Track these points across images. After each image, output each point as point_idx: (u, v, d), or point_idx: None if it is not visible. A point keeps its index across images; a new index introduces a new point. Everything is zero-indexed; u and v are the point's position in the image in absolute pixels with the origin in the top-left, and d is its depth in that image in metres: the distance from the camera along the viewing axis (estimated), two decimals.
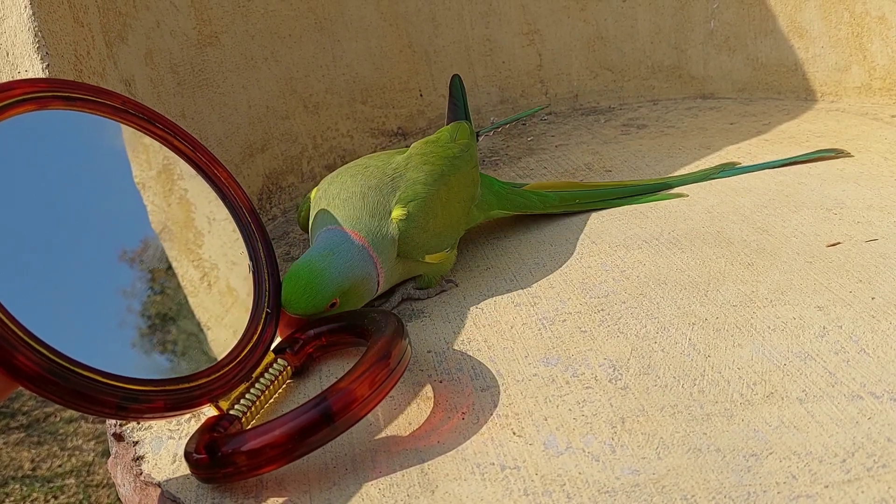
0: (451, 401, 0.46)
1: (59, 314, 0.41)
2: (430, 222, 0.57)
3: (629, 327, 0.51)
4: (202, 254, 0.51)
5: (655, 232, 0.64)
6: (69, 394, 0.37)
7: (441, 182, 0.59)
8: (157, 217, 0.50)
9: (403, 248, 0.55)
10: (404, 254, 0.56)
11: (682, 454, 0.39)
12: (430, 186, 0.58)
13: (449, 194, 0.59)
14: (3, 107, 0.42)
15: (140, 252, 0.48)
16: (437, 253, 0.58)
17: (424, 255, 0.57)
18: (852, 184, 0.67)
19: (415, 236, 0.56)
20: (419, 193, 0.57)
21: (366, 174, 0.58)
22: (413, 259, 0.57)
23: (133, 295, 0.46)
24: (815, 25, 0.93)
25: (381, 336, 0.46)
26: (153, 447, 0.46)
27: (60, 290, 0.42)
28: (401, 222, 0.55)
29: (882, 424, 0.39)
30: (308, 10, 0.88)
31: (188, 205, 0.52)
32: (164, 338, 0.46)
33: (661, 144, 0.85)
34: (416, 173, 0.58)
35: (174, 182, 0.52)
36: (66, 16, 0.58)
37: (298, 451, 0.40)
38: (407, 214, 0.55)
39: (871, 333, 0.46)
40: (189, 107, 0.75)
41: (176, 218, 0.51)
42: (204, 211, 0.52)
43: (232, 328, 0.49)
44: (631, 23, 1.03)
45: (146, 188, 0.50)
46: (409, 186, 0.57)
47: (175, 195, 0.52)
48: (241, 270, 0.52)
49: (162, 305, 0.47)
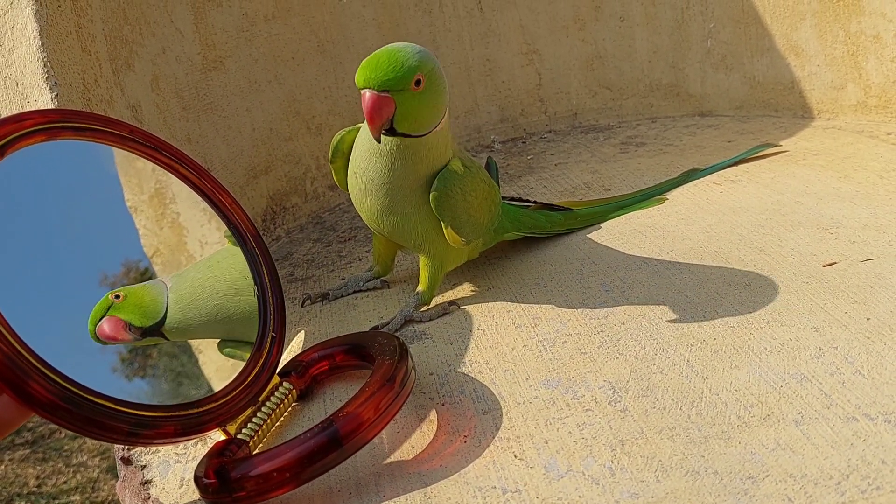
0: (453, 424, 0.47)
1: (71, 342, 0.42)
2: (472, 198, 0.58)
3: (628, 349, 0.52)
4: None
5: (654, 252, 0.64)
6: (82, 421, 0.38)
7: (485, 180, 0.60)
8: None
9: (440, 202, 0.56)
10: (438, 207, 0.56)
11: (681, 477, 0.40)
12: (479, 173, 0.60)
13: (488, 194, 0.61)
14: (15, 139, 0.42)
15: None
16: (457, 234, 0.58)
17: (449, 225, 0.57)
18: (848, 203, 0.68)
19: (456, 196, 0.56)
20: (472, 168, 0.59)
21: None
22: (438, 223, 0.57)
23: None
24: (810, 44, 0.94)
25: (386, 360, 0.47)
26: (161, 471, 0.47)
27: (72, 318, 0.43)
28: (455, 173, 0.56)
29: (876, 447, 0.40)
30: (310, 33, 0.90)
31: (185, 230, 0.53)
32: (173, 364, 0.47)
33: (660, 163, 0.86)
34: (467, 160, 0.60)
35: (167, 206, 0.53)
36: (74, 45, 0.60)
37: (307, 475, 0.41)
38: (463, 171, 0.57)
39: (867, 354, 0.47)
40: (194, 131, 0.76)
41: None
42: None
43: None
44: (629, 42, 1.04)
45: (136, 212, 0.51)
46: (468, 159, 0.59)
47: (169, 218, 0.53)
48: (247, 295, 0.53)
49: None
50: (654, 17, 1.03)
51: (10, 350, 0.36)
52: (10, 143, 0.42)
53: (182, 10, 0.76)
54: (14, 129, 0.42)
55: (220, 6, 0.80)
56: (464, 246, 0.60)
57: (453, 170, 0.56)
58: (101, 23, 0.65)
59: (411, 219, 0.58)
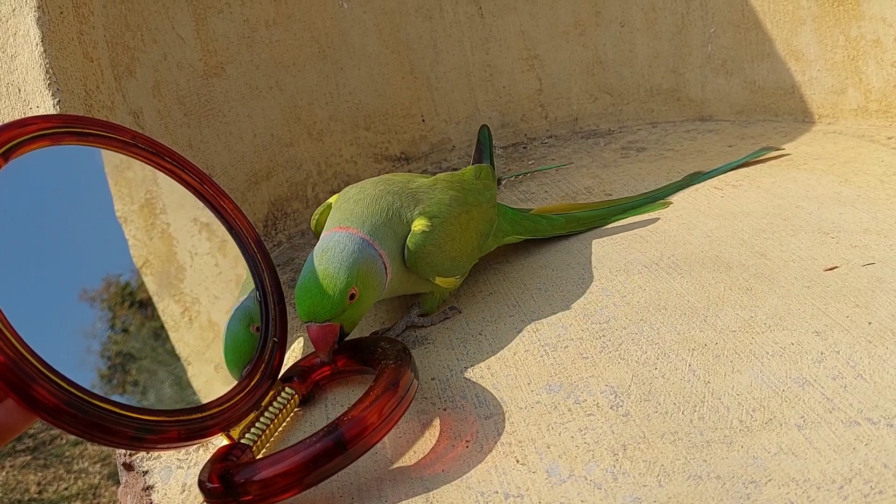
0: (455, 429, 0.47)
1: (76, 347, 0.42)
2: (448, 244, 0.57)
3: (630, 353, 0.52)
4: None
5: (655, 256, 0.65)
6: (86, 425, 0.38)
7: (463, 209, 0.60)
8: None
9: (416, 264, 0.56)
10: (414, 269, 0.56)
11: (683, 481, 0.40)
12: (454, 209, 0.59)
13: (468, 223, 0.60)
14: (19, 143, 0.42)
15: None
16: (447, 278, 0.59)
17: (435, 277, 0.58)
18: (849, 207, 0.68)
19: (431, 253, 0.56)
20: (443, 212, 0.58)
21: (388, 182, 0.59)
22: (422, 276, 0.57)
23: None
24: (811, 49, 0.94)
25: (389, 364, 0.47)
26: (162, 477, 0.47)
27: (78, 323, 0.43)
28: (421, 234, 0.55)
29: (879, 450, 0.40)
30: (311, 39, 0.90)
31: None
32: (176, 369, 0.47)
33: (661, 168, 0.87)
34: (441, 195, 0.59)
35: (156, 217, 0.52)
36: (77, 52, 0.60)
37: (311, 479, 0.41)
38: (430, 227, 0.56)
39: (868, 358, 0.47)
40: (195, 137, 0.76)
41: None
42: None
43: None
44: (629, 47, 1.05)
45: (125, 222, 0.50)
46: (435, 203, 0.58)
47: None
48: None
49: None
50: (655, 23, 1.03)
51: (14, 354, 0.36)
52: (14, 148, 0.42)
53: (183, 16, 0.76)
54: (18, 133, 0.42)
55: (222, 12, 0.80)
56: (460, 280, 0.61)
57: (417, 232, 0.56)
58: (102, 29, 0.65)
59: (406, 287, 0.58)
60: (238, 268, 0.54)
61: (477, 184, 0.65)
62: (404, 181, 0.60)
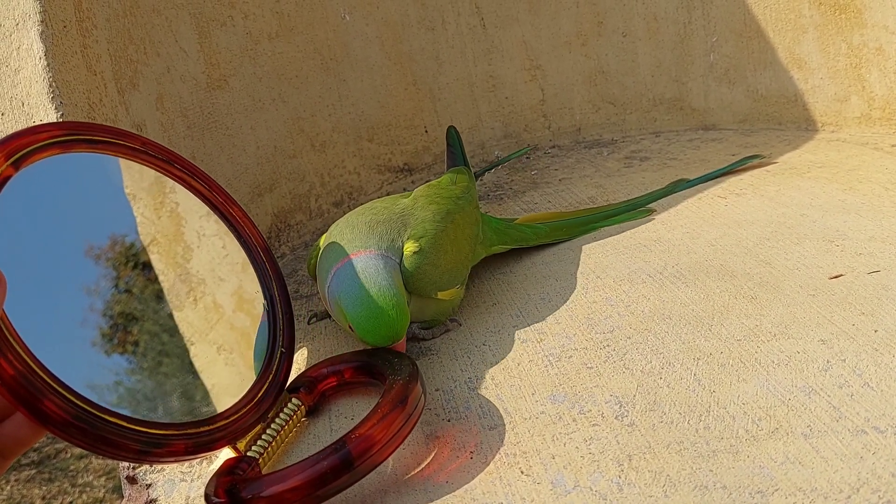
0: (458, 439, 0.47)
1: (85, 361, 0.42)
2: (441, 258, 0.58)
3: (635, 363, 0.52)
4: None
5: (659, 266, 0.64)
6: (94, 439, 0.38)
7: (448, 220, 0.60)
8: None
9: (416, 285, 0.56)
10: (416, 291, 0.57)
11: (689, 492, 0.40)
12: (439, 224, 0.59)
13: (456, 232, 0.61)
14: (31, 151, 0.42)
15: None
16: (448, 290, 0.59)
17: (437, 292, 0.58)
18: (854, 215, 0.68)
19: (427, 272, 0.57)
20: (429, 230, 0.58)
21: (374, 212, 0.59)
22: (425, 296, 0.58)
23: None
24: (813, 57, 0.94)
25: (398, 380, 0.47)
26: (166, 490, 0.47)
27: (89, 336, 0.43)
28: (414, 256, 0.56)
29: (886, 459, 0.39)
30: (314, 51, 0.90)
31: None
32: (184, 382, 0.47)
33: (664, 177, 0.86)
34: (423, 212, 0.60)
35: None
36: (80, 65, 0.60)
37: (317, 496, 0.40)
38: (419, 249, 0.57)
39: (875, 367, 0.47)
40: (199, 149, 0.76)
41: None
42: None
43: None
44: (632, 57, 1.05)
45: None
46: (419, 224, 0.59)
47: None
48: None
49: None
50: (657, 32, 1.03)
51: (25, 368, 0.36)
52: (26, 156, 0.41)
53: (186, 29, 0.76)
54: (30, 141, 0.42)
55: (224, 25, 0.80)
56: (461, 291, 0.61)
57: (410, 255, 0.57)
58: (106, 43, 0.65)
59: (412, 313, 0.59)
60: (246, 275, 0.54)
61: (455, 189, 0.66)
62: (387, 207, 0.60)
